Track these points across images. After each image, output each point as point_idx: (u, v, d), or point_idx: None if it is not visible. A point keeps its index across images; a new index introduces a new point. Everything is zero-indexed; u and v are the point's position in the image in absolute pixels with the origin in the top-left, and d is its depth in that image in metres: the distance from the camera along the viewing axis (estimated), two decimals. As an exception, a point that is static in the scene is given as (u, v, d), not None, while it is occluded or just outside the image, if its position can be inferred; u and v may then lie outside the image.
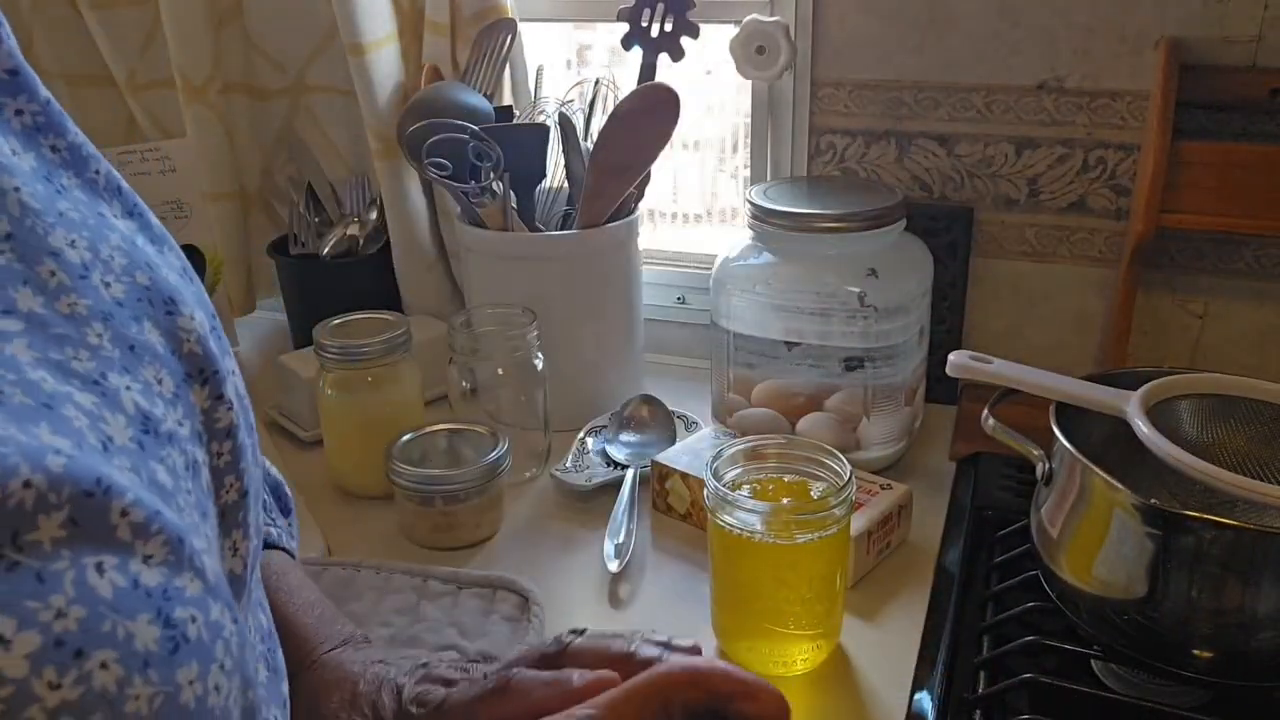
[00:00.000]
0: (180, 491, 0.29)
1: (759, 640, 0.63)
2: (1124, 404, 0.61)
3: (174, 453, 0.30)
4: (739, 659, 0.64)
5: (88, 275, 0.29)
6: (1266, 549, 0.53)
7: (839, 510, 0.60)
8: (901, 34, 0.89)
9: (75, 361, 0.28)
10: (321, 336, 0.81)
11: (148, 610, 0.25)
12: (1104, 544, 0.58)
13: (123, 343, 0.30)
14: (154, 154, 1.01)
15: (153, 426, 0.29)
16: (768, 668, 0.63)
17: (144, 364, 0.30)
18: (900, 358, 0.82)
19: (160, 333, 0.31)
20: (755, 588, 0.62)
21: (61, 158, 0.32)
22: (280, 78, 1.06)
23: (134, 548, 0.26)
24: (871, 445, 0.83)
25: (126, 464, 0.27)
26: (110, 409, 0.28)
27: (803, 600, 0.61)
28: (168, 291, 0.32)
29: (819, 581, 0.61)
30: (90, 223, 0.31)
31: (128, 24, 1.03)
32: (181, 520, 0.28)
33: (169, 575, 0.26)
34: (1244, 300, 0.87)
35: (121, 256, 0.31)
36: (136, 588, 0.25)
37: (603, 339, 0.93)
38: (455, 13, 0.95)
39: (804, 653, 0.63)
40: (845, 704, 0.61)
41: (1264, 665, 0.55)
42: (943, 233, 0.91)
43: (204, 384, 0.33)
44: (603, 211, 0.88)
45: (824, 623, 0.63)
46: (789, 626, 0.62)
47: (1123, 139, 0.86)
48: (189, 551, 0.27)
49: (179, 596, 0.26)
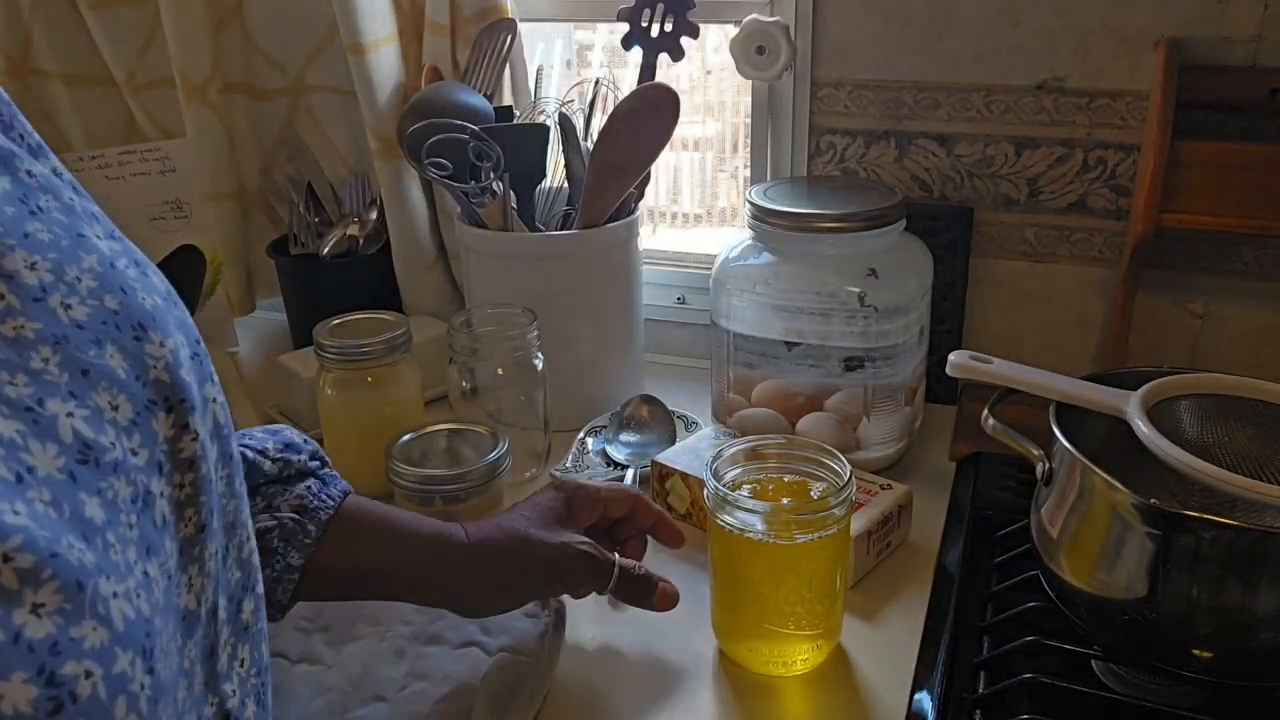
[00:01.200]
0: (114, 526, 0.28)
1: (759, 641, 0.63)
2: (1124, 404, 0.61)
3: (117, 483, 0.29)
4: (739, 659, 0.64)
5: (44, 298, 0.29)
6: (1266, 549, 0.53)
7: (839, 510, 0.60)
8: (901, 34, 0.89)
9: (8, 387, 0.27)
10: (321, 336, 0.81)
11: (26, 667, 0.23)
12: (1104, 544, 0.58)
13: (74, 366, 0.29)
14: (154, 154, 1.01)
15: (93, 456, 0.28)
16: (768, 668, 0.63)
17: (97, 389, 0.30)
18: (900, 358, 0.82)
19: (125, 357, 0.31)
20: (755, 588, 0.62)
21: (37, 181, 0.32)
22: (280, 78, 1.06)
23: (20, 596, 0.24)
24: (871, 445, 0.83)
25: (45, 496, 0.26)
26: (39, 438, 0.27)
27: (802, 600, 0.61)
28: (139, 316, 0.32)
29: (819, 581, 0.61)
30: (63, 244, 0.31)
31: (128, 24, 1.03)
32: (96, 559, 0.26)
33: (63, 625, 0.24)
34: (1243, 300, 0.87)
35: (92, 279, 0.31)
36: (17, 641, 0.23)
37: (603, 339, 0.93)
38: (455, 13, 0.95)
39: (804, 653, 0.63)
40: (845, 704, 0.61)
41: (1264, 665, 0.55)
42: (943, 233, 0.91)
43: (169, 411, 0.32)
44: (603, 211, 0.88)
45: (824, 623, 0.63)
46: (789, 627, 0.62)
47: (1123, 139, 0.86)
48: (90, 597, 0.25)
49: (71, 649, 0.24)
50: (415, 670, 0.62)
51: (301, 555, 0.53)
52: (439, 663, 0.62)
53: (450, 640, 0.64)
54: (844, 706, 0.61)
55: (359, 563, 0.55)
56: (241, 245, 1.11)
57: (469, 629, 0.65)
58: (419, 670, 0.62)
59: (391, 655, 0.63)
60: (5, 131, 0.33)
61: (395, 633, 0.65)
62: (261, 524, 0.53)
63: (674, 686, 0.63)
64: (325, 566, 0.54)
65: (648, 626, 0.68)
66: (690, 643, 0.66)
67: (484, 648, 0.64)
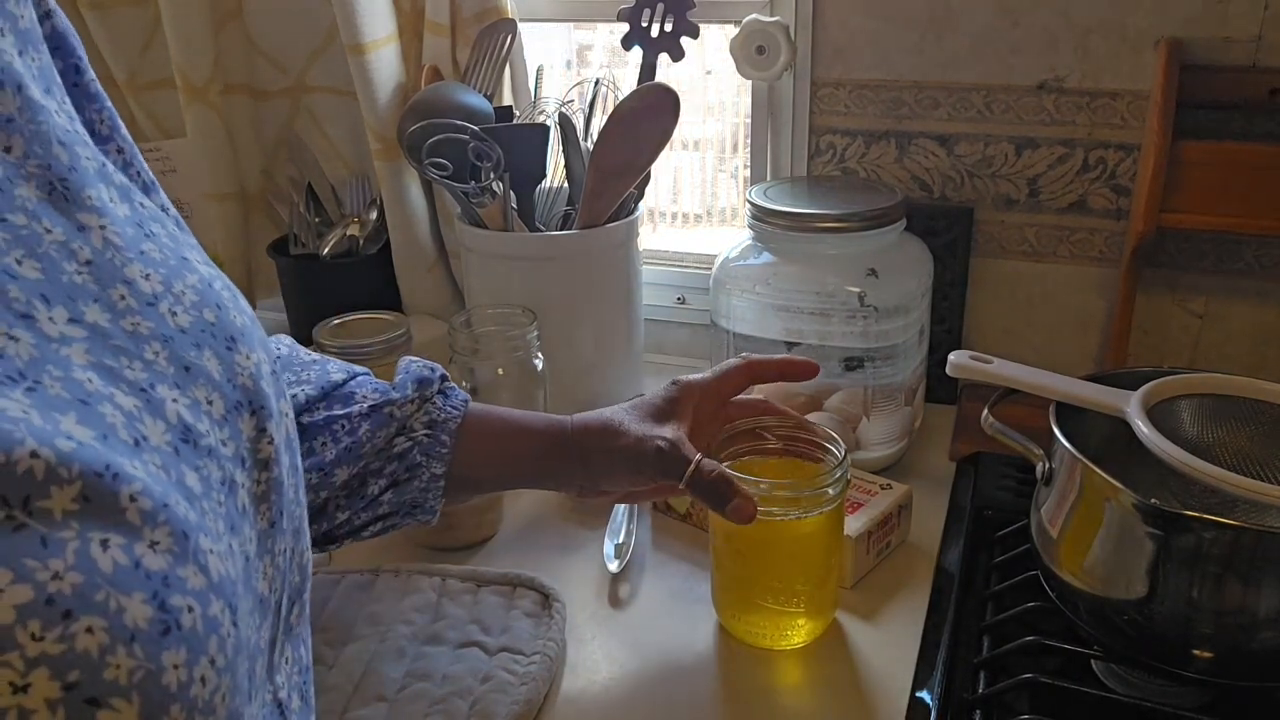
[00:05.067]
0: (208, 498, 0.32)
1: (754, 615, 0.65)
2: (1124, 404, 0.61)
3: (211, 465, 0.33)
4: (736, 633, 0.66)
5: (155, 303, 0.34)
6: (1267, 549, 0.53)
7: (832, 490, 0.62)
8: (901, 34, 0.89)
9: (128, 370, 0.32)
10: (321, 336, 0.81)
11: (144, 590, 0.27)
12: (1104, 544, 0.58)
13: (179, 362, 0.34)
14: (154, 154, 1.01)
15: (193, 438, 0.33)
16: (761, 642, 0.65)
17: (197, 384, 0.34)
18: (900, 358, 0.82)
19: (219, 361, 0.36)
20: (750, 565, 0.64)
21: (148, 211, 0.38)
22: (281, 78, 1.06)
23: (141, 532, 0.28)
24: (871, 445, 0.83)
25: (157, 461, 0.30)
26: (152, 414, 0.31)
27: (797, 577, 0.63)
28: (231, 330, 0.37)
29: (814, 558, 0.63)
30: (171, 263, 0.36)
31: (128, 24, 1.03)
32: (197, 519, 0.30)
33: (172, 564, 0.28)
34: (1244, 300, 0.87)
35: (194, 294, 0.36)
36: (137, 568, 0.27)
37: (603, 339, 0.93)
38: (455, 13, 0.95)
39: (799, 629, 0.65)
40: (845, 704, 0.61)
41: (1264, 665, 0.55)
42: (943, 233, 0.91)
43: (253, 414, 0.37)
44: (603, 211, 0.88)
45: (817, 598, 0.64)
46: (783, 603, 0.63)
47: (1123, 139, 0.86)
48: (193, 547, 0.29)
49: (179, 585, 0.28)
50: (415, 670, 0.62)
51: (442, 464, 0.60)
52: (439, 663, 0.63)
53: (450, 640, 0.64)
54: (844, 706, 0.61)
55: (491, 462, 0.63)
56: (242, 245, 1.11)
57: (469, 629, 0.65)
58: (419, 670, 0.62)
59: (392, 655, 0.63)
60: (125, 169, 0.39)
61: (395, 633, 0.65)
62: (400, 446, 0.60)
63: (675, 687, 0.63)
64: (463, 469, 0.61)
65: (648, 626, 0.68)
66: (691, 642, 0.66)
67: (484, 648, 0.64)
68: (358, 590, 0.69)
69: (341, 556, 0.76)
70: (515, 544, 0.77)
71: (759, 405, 0.68)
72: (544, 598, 0.68)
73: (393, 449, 0.60)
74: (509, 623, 0.66)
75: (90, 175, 0.35)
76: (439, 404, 0.62)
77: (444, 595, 0.68)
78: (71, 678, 0.25)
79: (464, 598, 0.68)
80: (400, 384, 0.62)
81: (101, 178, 0.36)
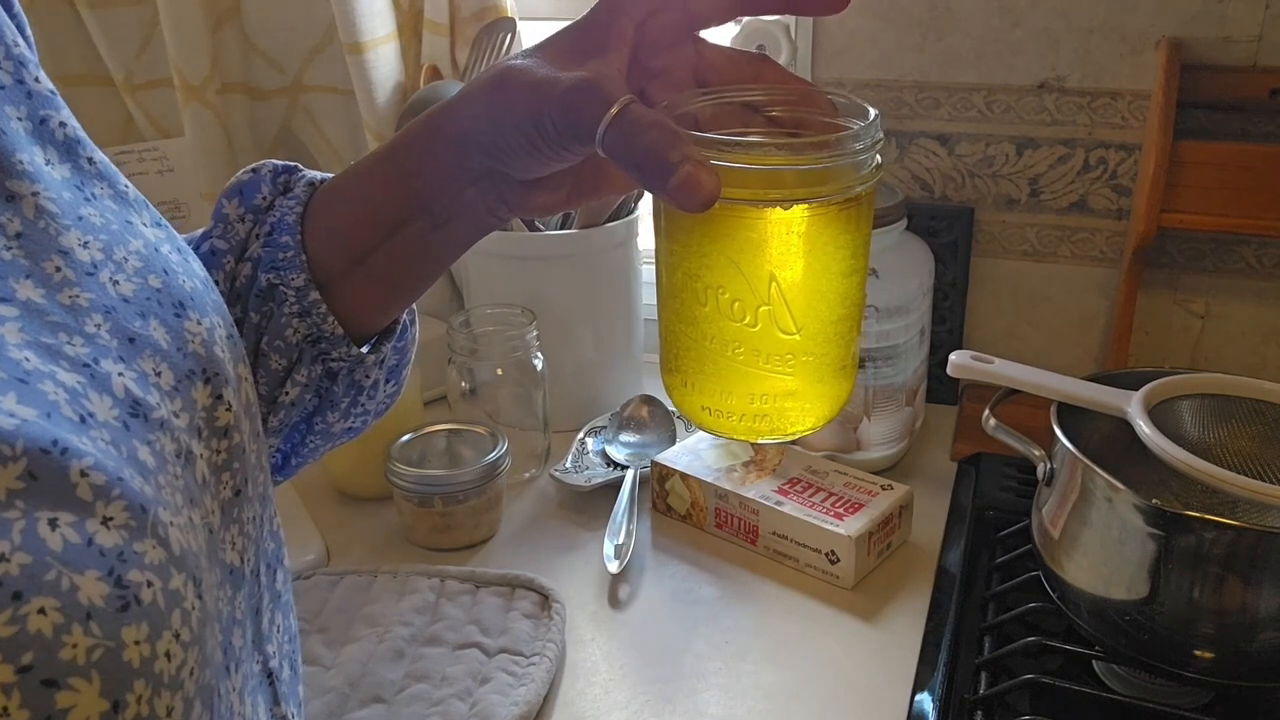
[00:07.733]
0: (163, 472, 0.31)
1: (720, 383, 0.39)
2: (1125, 404, 0.61)
3: (164, 438, 0.31)
4: (698, 420, 0.41)
5: (95, 273, 0.32)
6: (1268, 549, 0.53)
7: (862, 159, 0.36)
8: (901, 34, 0.88)
9: (68, 346, 0.30)
10: (320, 336, 0.80)
11: (98, 567, 0.26)
12: (1105, 544, 0.58)
13: (122, 334, 0.32)
14: (152, 154, 1.01)
15: (142, 411, 0.31)
16: (734, 430, 0.40)
17: (143, 356, 0.32)
18: (901, 358, 0.82)
19: (166, 330, 0.34)
20: (712, 287, 0.37)
21: (95, 169, 0.35)
22: (278, 77, 1.06)
23: (94, 508, 0.27)
24: (872, 446, 0.83)
25: (106, 436, 0.29)
26: (97, 390, 0.30)
27: (801, 312, 0.37)
28: (179, 296, 0.35)
29: (827, 284, 0.37)
30: (113, 228, 0.34)
31: (125, 24, 1.03)
32: (154, 493, 0.29)
33: (128, 539, 0.28)
34: (1245, 300, 0.87)
35: (138, 260, 0.34)
36: (90, 545, 0.27)
37: (603, 339, 0.93)
38: (455, 12, 0.94)
39: (789, 408, 0.39)
40: (845, 704, 0.61)
41: (1265, 665, 0.55)
42: (943, 233, 0.91)
43: (206, 382, 0.35)
44: (603, 211, 0.88)
45: (820, 355, 0.38)
46: (759, 362, 0.38)
47: (1123, 139, 0.86)
48: (152, 520, 0.29)
49: (136, 560, 0.28)
50: (414, 671, 0.62)
51: (299, 271, 0.45)
52: (438, 664, 0.62)
53: (450, 641, 0.64)
54: (844, 707, 0.61)
55: (349, 230, 0.46)
56: (240, 245, 1.11)
57: (468, 630, 0.65)
58: (418, 671, 0.62)
59: (390, 656, 0.63)
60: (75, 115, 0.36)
61: (394, 634, 0.65)
62: (243, 275, 0.47)
63: (676, 688, 0.63)
64: (326, 260, 0.45)
65: (648, 627, 0.67)
66: (691, 643, 0.66)
67: (483, 649, 0.63)
68: (356, 591, 0.69)
69: (340, 557, 0.75)
70: (514, 544, 0.77)
71: (748, 61, 0.43)
72: (543, 598, 0.68)
73: (235, 285, 0.47)
74: (508, 624, 0.65)
75: (21, 138, 0.32)
76: (279, 206, 0.48)
77: (443, 596, 0.68)
78: (25, 660, 0.24)
79: (463, 598, 0.68)
80: (217, 209, 0.49)
81: (37, 138, 0.33)
